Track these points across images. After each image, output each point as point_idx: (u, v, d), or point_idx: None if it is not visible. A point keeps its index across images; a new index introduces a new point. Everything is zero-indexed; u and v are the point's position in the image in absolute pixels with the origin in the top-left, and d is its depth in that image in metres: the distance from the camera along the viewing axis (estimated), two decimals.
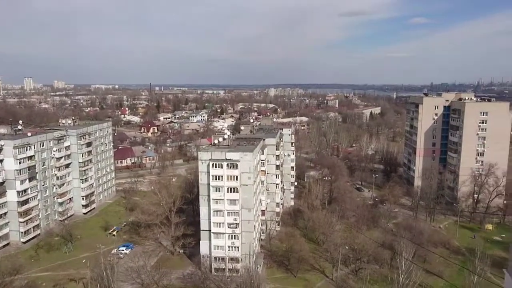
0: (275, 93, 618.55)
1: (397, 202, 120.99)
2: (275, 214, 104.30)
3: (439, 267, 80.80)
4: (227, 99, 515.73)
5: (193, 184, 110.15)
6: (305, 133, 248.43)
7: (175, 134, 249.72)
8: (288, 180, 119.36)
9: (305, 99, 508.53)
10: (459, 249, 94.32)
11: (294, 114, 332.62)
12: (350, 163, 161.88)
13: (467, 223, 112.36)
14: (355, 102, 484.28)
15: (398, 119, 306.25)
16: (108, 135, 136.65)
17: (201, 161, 79.69)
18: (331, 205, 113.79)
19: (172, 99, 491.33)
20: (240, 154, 78.32)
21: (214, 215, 79.35)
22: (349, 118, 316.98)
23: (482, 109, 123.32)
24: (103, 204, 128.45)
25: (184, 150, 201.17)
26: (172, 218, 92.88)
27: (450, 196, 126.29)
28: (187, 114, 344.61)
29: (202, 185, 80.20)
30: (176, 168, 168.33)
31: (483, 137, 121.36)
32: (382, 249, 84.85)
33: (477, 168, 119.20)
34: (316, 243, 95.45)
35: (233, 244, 79.88)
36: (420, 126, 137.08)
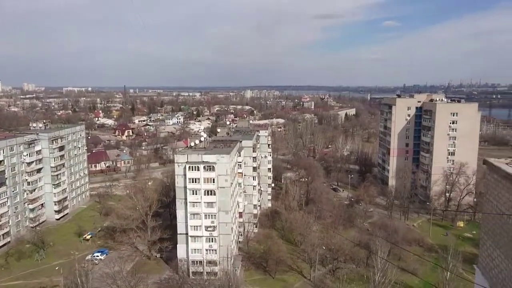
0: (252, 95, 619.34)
1: (372, 201, 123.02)
2: (252, 216, 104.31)
3: (413, 264, 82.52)
4: (203, 101, 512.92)
5: (169, 187, 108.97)
6: (281, 134, 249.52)
7: (150, 137, 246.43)
8: (265, 182, 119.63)
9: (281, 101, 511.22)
10: (432, 246, 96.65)
11: (270, 116, 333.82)
12: (326, 164, 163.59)
13: (440, 221, 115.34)
14: (331, 103, 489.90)
15: (372, 120, 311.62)
16: (81, 139, 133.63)
17: (177, 164, 78.95)
18: (308, 206, 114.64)
19: (147, 102, 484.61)
20: (216, 157, 78.04)
21: (191, 218, 78.72)
22: (325, 119, 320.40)
23: (452, 110, 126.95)
24: (77, 209, 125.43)
25: (160, 153, 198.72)
26: (148, 222, 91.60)
27: (423, 195, 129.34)
28: (163, 116, 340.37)
29: (178, 188, 79.45)
30: (152, 172, 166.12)
31: (453, 137, 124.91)
32: (358, 249, 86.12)
33: (448, 167, 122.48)
34: (294, 244, 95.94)
35: (211, 247, 79.45)
36: (393, 127, 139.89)
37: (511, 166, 10.07)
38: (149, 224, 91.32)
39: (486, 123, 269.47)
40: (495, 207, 10.33)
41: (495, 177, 10.48)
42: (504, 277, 9.56)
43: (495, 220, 10.36)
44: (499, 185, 10.18)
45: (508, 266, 9.35)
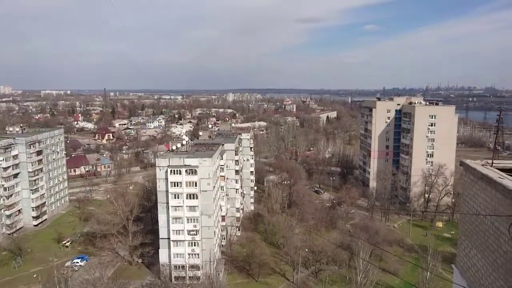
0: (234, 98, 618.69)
1: (354, 203, 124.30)
2: (235, 219, 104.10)
3: (394, 265, 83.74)
4: (185, 104, 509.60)
5: (151, 192, 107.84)
6: (263, 137, 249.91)
7: (131, 140, 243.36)
8: (247, 185, 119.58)
9: (263, 104, 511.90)
10: (412, 247, 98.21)
11: (252, 119, 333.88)
12: (308, 167, 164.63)
13: (420, 221, 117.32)
14: (312, 106, 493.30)
15: (353, 122, 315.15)
16: (60, 143, 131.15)
17: (159, 167, 78.27)
18: (290, 209, 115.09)
19: (128, 105, 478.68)
20: (199, 160, 77.69)
21: (173, 223, 78.09)
22: (307, 122, 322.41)
23: (430, 112, 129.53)
24: (56, 215, 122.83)
25: (141, 157, 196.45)
26: (130, 227, 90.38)
27: (403, 196, 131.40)
28: (144, 120, 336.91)
29: (160, 192, 78.74)
30: (133, 176, 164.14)
31: (432, 139, 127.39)
32: (340, 250, 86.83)
33: (427, 169, 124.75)
34: (277, 246, 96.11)
35: (193, 251, 78.92)
36: (374, 129, 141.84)
37: (486, 168, 10.31)
38: (130, 229, 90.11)
39: (463, 125, 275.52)
40: (472, 207, 10.56)
41: (471, 178, 10.71)
42: (481, 276, 9.77)
43: (471, 220, 10.59)
44: (475, 186, 10.41)
45: (485, 265, 9.56)
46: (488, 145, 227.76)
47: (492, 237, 9.10)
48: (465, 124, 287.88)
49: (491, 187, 9.26)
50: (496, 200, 8.95)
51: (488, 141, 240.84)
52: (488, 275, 9.36)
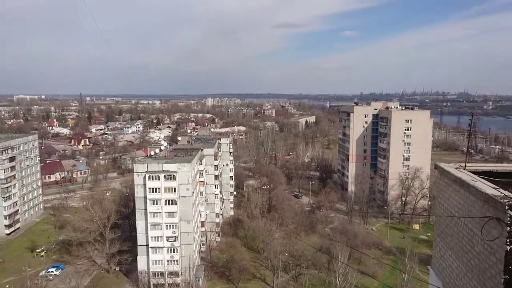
0: (213, 103, 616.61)
1: (333, 207, 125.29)
2: (215, 225, 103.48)
3: (373, 268, 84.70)
4: (164, 109, 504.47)
5: (129, 198, 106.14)
6: (243, 142, 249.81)
7: (108, 146, 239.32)
8: (227, 190, 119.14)
9: (242, 108, 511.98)
10: (390, 249, 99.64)
11: (232, 124, 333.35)
12: (287, 171, 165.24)
13: (397, 224, 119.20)
14: (291, 111, 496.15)
15: (331, 127, 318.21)
16: (34, 149, 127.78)
17: (136, 173, 77.19)
18: (270, 213, 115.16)
19: (105, 110, 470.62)
20: (177, 165, 77.01)
21: (152, 229, 77.04)
22: (286, 127, 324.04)
23: (406, 117, 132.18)
24: (29, 223, 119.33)
25: (119, 162, 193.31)
26: (107, 234, 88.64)
27: (381, 199, 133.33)
28: (121, 125, 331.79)
29: (138, 198, 77.60)
30: (110, 182, 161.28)
31: (408, 143, 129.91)
32: (320, 254, 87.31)
33: (404, 172, 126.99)
34: (257, 251, 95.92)
35: (172, 257, 77.98)
36: (351, 134, 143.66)
37: (460, 171, 10.55)
38: (107, 236, 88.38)
39: (438, 129, 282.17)
40: (446, 209, 10.78)
41: (445, 181, 10.95)
42: (455, 277, 9.97)
43: (446, 222, 10.81)
44: (449, 188, 10.63)
45: (459, 266, 9.76)
46: (461, 149, 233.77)
47: (466, 239, 9.30)
48: (439, 128, 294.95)
49: (464, 190, 9.47)
50: (469, 202, 9.16)
51: (461, 145, 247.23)
52: (462, 275, 9.55)
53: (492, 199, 7.84)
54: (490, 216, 7.71)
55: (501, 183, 9.56)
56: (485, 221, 7.83)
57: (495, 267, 7.54)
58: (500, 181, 9.71)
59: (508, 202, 7.32)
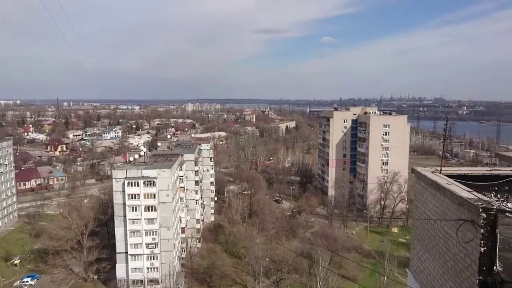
0: (193, 108, 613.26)
1: (313, 211, 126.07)
2: (195, 231, 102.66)
3: (353, 271, 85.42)
4: (143, 114, 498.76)
5: (107, 205, 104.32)
6: (223, 148, 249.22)
7: (86, 152, 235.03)
8: (208, 196, 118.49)
9: (223, 114, 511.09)
10: (370, 252, 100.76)
11: (212, 129, 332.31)
12: (268, 176, 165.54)
13: (376, 227, 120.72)
14: (272, 116, 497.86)
15: (312, 132, 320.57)
16: (9, 155, 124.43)
17: (115, 179, 76.02)
18: (251, 218, 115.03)
19: (82, 115, 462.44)
20: (157, 171, 76.24)
21: (131, 236, 75.88)
22: (266, 132, 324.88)
23: (384, 122, 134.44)
24: (3, 231, 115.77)
25: (97, 168, 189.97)
26: (84, 242, 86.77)
27: (360, 203, 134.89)
28: (100, 130, 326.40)
29: (117, 205, 76.39)
30: (88, 188, 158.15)
31: (386, 148, 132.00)
32: (301, 259, 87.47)
33: (382, 177, 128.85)
34: (238, 257, 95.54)
35: (152, 265, 76.93)
36: (331, 139, 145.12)
37: (436, 174, 10.81)
38: (85, 244, 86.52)
39: (415, 134, 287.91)
40: (423, 212, 11.01)
41: (422, 184, 11.19)
42: (432, 279, 10.18)
43: (423, 225, 11.04)
44: (425, 192, 10.87)
45: (436, 268, 9.97)
46: (438, 153, 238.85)
47: (442, 241, 9.50)
48: (416, 133, 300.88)
49: (440, 193, 9.70)
50: (444, 205, 9.38)
51: (438, 149, 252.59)
52: (439, 277, 9.75)
53: (466, 202, 8.06)
54: (465, 219, 7.92)
55: (475, 186, 9.84)
56: (460, 223, 8.03)
57: (470, 268, 7.74)
58: (474, 184, 10.00)
59: (482, 205, 7.54)
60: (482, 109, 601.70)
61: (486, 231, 7.31)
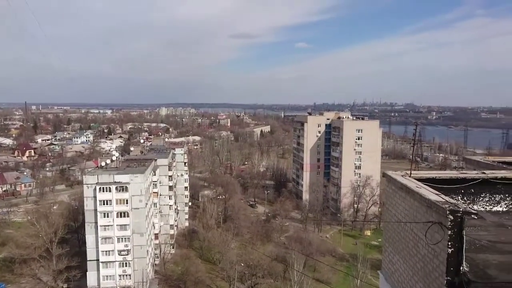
0: (167, 113, 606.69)
1: (288, 216, 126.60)
2: (169, 237, 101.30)
3: (327, 274, 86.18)
4: (115, 118, 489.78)
5: (78, 211, 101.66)
6: (198, 152, 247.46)
7: (56, 157, 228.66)
8: (182, 201, 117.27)
9: (197, 118, 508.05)
10: (344, 256, 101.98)
11: (186, 134, 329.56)
12: (243, 181, 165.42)
13: (350, 231, 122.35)
14: (246, 121, 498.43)
15: (286, 136, 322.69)
16: None
17: (86, 185, 74.22)
18: (226, 223, 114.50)
19: (52, 119, 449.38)
20: (130, 176, 74.96)
21: (103, 243, 74.16)
22: (241, 136, 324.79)
23: (357, 126, 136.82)
24: None
25: (67, 174, 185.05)
26: (54, 249, 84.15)
27: (334, 207, 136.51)
28: (70, 135, 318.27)
29: (88, 211, 74.56)
30: (58, 195, 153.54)
31: (359, 152, 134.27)
32: (275, 263, 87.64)
33: (355, 180, 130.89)
34: (212, 262, 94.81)
35: (125, 272, 75.37)
36: (306, 143, 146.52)
37: (406, 178, 11.06)
38: (54, 252, 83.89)
39: (387, 139, 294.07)
40: (394, 215, 11.24)
41: (392, 188, 11.43)
42: (403, 280, 10.39)
43: (394, 228, 11.27)
44: (396, 195, 11.11)
45: (406, 269, 10.18)
46: (409, 157, 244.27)
47: (411, 243, 9.71)
48: (388, 138, 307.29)
49: (410, 196, 9.92)
50: (414, 208, 9.60)
51: (408, 153, 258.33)
52: (409, 278, 9.95)
53: (434, 205, 8.27)
54: (433, 221, 8.12)
55: (443, 189, 10.13)
56: (429, 225, 8.23)
57: (438, 269, 7.93)
58: (442, 187, 10.29)
59: (449, 207, 7.75)
60: (451, 114, 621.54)
61: (453, 233, 7.51)
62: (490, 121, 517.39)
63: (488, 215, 10.39)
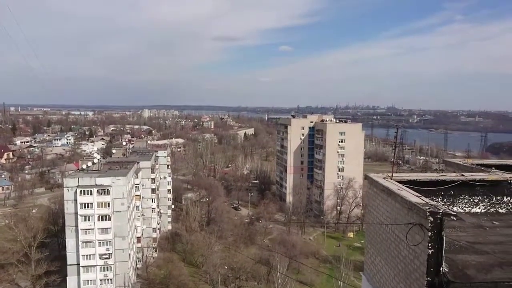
0: (150, 115, 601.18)
1: (272, 218, 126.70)
2: (152, 240, 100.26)
3: (311, 277, 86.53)
4: (97, 120, 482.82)
5: (58, 214, 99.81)
6: (181, 155, 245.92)
7: (35, 159, 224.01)
8: (165, 204, 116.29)
9: (180, 120, 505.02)
10: (327, 258, 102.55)
11: (169, 136, 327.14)
12: (226, 183, 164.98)
13: (333, 233, 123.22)
14: (230, 123, 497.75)
15: (270, 139, 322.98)
16: None
17: (67, 188, 72.91)
18: (209, 226, 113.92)
19: (31, 121, 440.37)
20: (111, 179, 73.96)
21: (83, 247, 72.91)
22: (225, 139, 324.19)
23: (340, 129, 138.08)
24: None
25: (47, 177, 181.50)
26: (32, 254, 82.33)
27: (317, 209, 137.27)
28: (50, 137, 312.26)
29: (68, 215, 73.23)
30: (37, 198, 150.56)
31: (342, 155, 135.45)
32: (259, 266, 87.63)
33: (338, 183, 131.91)
34: (196, 266, 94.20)
35: (106, 276, 74.23)
36: (289, 146, 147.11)
37: (387, 180, 11.19)
38: (33, 257, 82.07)
39: (369, 141, 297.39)
40: (376, 217, 11.35)
41: (374, 190, 11.54)
42: (385, 281, 10.50)
43: (376, 230, 11.38)
44: (378, 197, 11.22)
45: (387, 270, 10.29)
46: (390, 159, 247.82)
47: (393, 244, 9.81)
48: (370, 140, 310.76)
49: (391, 198, 10.03)
50: (395, 210, 9.70)
51: (390, 156, 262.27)
52: (391, 280, 10.04)
53: (415, 207, 8.37)
54: (414, 223, 8.22)
55: (424, 191, 10.27)
56: (410, 227, 8.33)
57: (419, 270, 8.03)
58: (423, 189, 10.44)
59: (429, 209, 7.86)
60: (431, 117, 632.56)
61: (433, 234, 7.62)
62: (469, 124, 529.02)
63: (467, 216, 10.59)
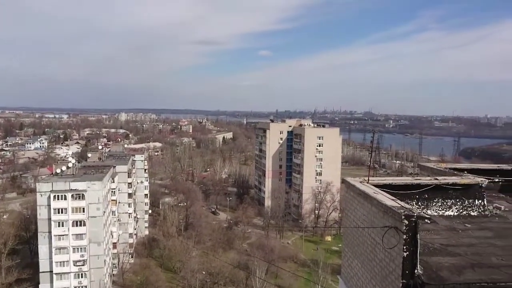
0: (127, 118, 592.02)
1: (250, 222, 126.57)
2: (128, 246, 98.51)
3: (289, 280, 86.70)
4: (72, 124, 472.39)
5: (30, 220, 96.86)
6: (159, 159, 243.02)
7: (6, 163, 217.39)
8: (142, 209, 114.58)
9: (158, 124, 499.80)
10: (305, 261, 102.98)
11: (147, 140, 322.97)
12: (205, 188, 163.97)
13: (311, 236, 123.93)
14: (209, 127, 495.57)
15: (249, 143, 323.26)
16: None
17: (40, 193, 70.99)
18: (187, 231, 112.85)
19: (3, 124, 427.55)
20: (87, 184, 72.46)
21: (57, 253, 71.04)
22: (203, 143, 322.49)
23: (318, 134, 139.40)
24: None
25: (19, 181, 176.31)
26: (3, 261, 79.75)
27: (296, 213, 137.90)
28: (23, 140, 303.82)
29: (41, 221, 71.27)
30: (9, 203, 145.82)
31: (320, 159, 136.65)
32: (237, 270, 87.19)
33: (317, 187, 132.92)
34: (173, 271, 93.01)
35: (80, 283, 72.50)
36: (268, 150, 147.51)
37: (364, 184, 11.35)
38: (3, 264, 79.48)
39: (347, 146, 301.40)
40: (353, 221, 11.48)
41: (351, 194, 11.68)
42: (362, 284, 10.61)
43: (353, 233, 11.51)
44: (354, 201, 11.36)
45: (364, 273, 10.41)
46: (367, 164, 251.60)
47: (369, 247, 9.94)
48: (348, 145, 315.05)
49: (368, 202, 10.17)
50: (371, 213, 9.84)
51: (367, 160, 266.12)
52: (367, 282, 10.16)
53: (390, 210, 8.51)
54: (389, 226, 8.35)
55: (399, 195, 10.46)
56: (385, 230, 8.45)
57: (395, 273, 8.15)
58: (398, 193, 10.62)
59: (404, 212, 8.00)
60: (407, 123, 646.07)
61: (408, 237, 7.75)
62: (443, 129, 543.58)
63: (441, 219, 10.83)
